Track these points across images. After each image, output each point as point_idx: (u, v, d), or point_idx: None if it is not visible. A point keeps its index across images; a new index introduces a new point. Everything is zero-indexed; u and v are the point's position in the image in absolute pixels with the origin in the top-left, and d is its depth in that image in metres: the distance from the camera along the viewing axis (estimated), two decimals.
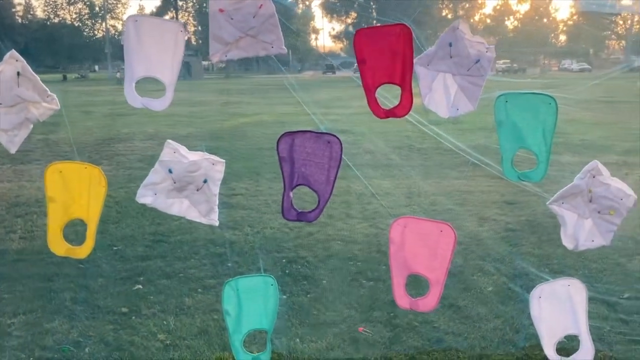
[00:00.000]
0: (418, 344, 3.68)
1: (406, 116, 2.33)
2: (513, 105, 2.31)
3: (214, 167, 2.31)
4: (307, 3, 65.76)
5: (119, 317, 4.11)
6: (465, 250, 5.38)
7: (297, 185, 2.32)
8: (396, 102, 2.30)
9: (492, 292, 4.36)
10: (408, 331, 3.84)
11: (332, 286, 4.61)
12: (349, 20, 57.65)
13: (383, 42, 2.23)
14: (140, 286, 4.67)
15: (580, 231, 2.49)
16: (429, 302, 2.41)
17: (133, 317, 4.11)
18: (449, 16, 61.20)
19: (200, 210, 2.34)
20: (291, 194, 2.32)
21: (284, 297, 4.41)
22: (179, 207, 2.35)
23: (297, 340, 3.76)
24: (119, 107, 18.25)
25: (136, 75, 2.21)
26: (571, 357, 2.56)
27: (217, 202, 2.34)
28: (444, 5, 62.29)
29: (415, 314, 4.04)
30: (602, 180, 2.42)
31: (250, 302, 2.42)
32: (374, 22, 56.68)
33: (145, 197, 2.33)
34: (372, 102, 2.28)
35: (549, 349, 2.52)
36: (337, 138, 2.28)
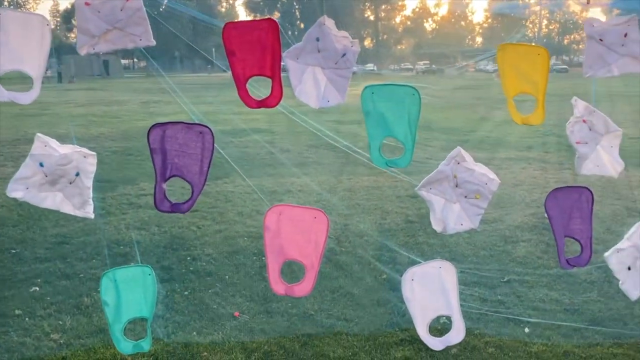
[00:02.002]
0: (312, 331, 3.81)
1: (277, 106, 2.44)
2: (379, 97, 2.46)
3: (86, 159, 2.32)
4: (231, 2, 65.23)
5: (11, 320, 3.99)
6: (366, 242, 5.60)
7: (170, 177, 2.37)
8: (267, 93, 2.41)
9: (386, 280, 4.56)
10: (304, 319, 3.96)
11: (234, 281, 4.66)
12: None
13: (252, 36, 2.33)
14: (37, 288, 4.54)
15: (449, 215, 2.66)
16: (304, 287, 2.52)
17: (26, 319, 4.00)
18: (371, 17, 62.52)
19: (73, 203, 2.34)
20: (164, 186, 2.36)
21: (186, 293, 4.43)
22: (52, 200, 2.34)
23: (194, 333, 3.79)
24: (29, 107, 17.36)
25: (2, 69, 2.19)
26: (444, 337, 2.71)
27: (91, 195, 2.35)
28: (366, 7, 63.47)
29: (311, 303, 4.19)
30: (466, 166, 2.60)
31: (129, 292, 2.45)
32: (298, 22, 56.99)
33: (16, 191, 2.31)
34: (243, 93, 2.37)
35: (422, 329, 2.67)
36: (209, 129, 2.35)
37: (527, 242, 5.47)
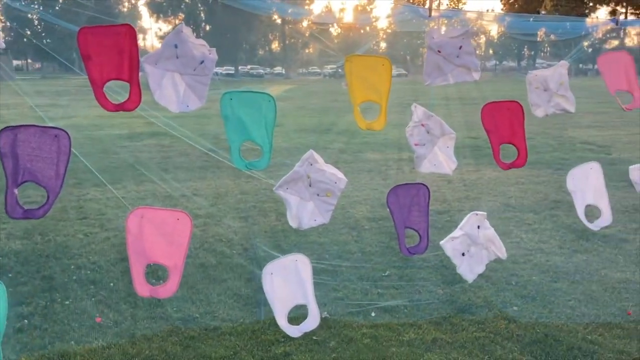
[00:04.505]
0: (196, 333, 3.82)
1: (137, 110, 2.47)
2: (237, 102, 2.55)
3: None
4: (133, 2, 63.10)
5: None
6: (257, 244, 5.66)
7: (23, 182, 2.32)
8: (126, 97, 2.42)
9: None
10: (188, 322, 3.97)
11: (119, 288, 4.57)
12: (177, 22, 56.41)
13: (109, 41, 2.33)
14: None
15: (304, 212, 2.83)
16: (169, 288, 2.55)
17: None
18: (278, 21, 62.72)
19: None
20: (16, 191, 2.31)
21: (67, 302, 4.29)
22: None
23: (72, 342, 3.69)
24: None
25: None
26: (301, 324, 2.86)
27: None
28: (273, 11, 63.52)
29: (197, 306, 4.21)
30: (318, 167, 2.78)
31: None
32: (203, 24, 56.13)
33: None
34: (100, 97, 2.37)
35: (282, 319, 2.80)
36: (65, 132, 2.33)
37: (409, 238, 5.73)
